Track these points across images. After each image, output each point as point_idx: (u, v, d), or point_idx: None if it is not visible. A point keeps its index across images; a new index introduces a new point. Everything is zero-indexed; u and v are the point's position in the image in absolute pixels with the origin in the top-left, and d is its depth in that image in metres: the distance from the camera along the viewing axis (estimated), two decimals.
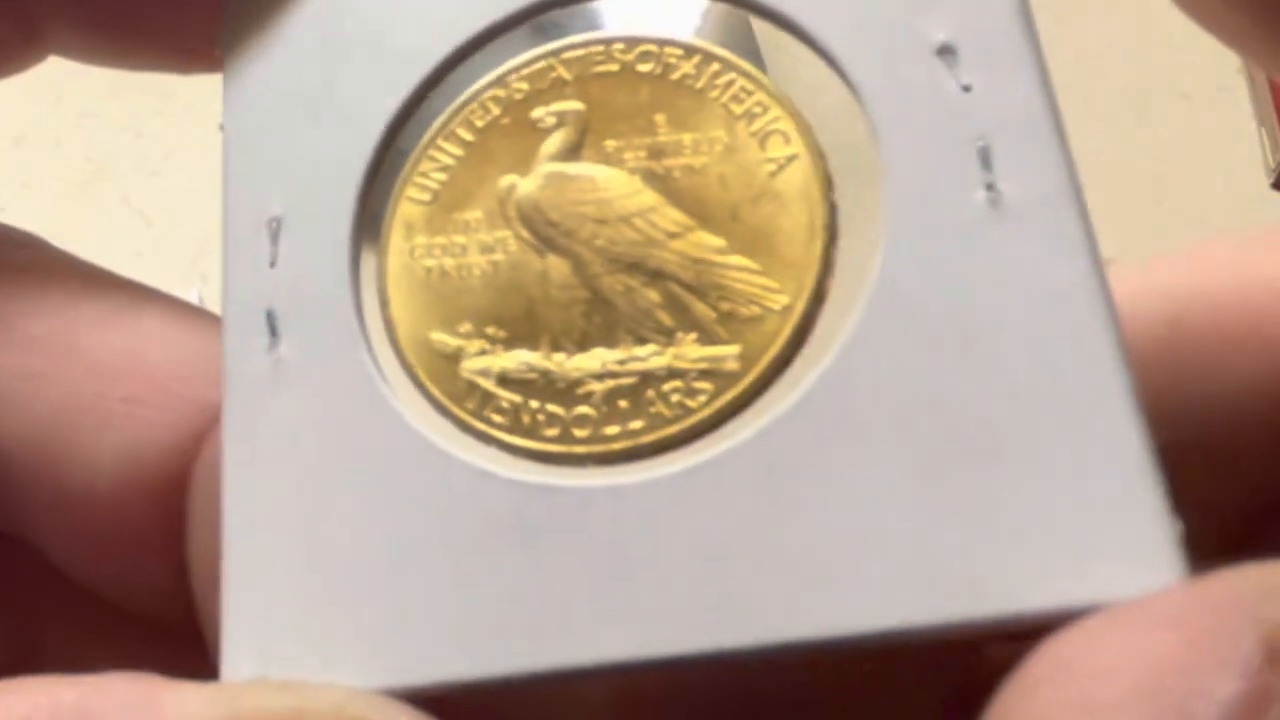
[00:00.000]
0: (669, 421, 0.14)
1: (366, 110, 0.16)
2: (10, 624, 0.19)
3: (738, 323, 0.14)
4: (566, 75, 0.16)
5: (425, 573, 0.14)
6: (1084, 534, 0.12)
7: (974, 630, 0.12)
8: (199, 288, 0.58)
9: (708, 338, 0.14)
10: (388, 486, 0.14)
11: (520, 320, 0.15)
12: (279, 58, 0.16)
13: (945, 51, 0.14)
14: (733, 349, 0.14)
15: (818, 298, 0.14)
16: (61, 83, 0.63)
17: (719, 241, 0.15)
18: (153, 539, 0.17)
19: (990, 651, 0.13)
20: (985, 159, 0.14)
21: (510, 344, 0.15)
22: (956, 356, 0.13)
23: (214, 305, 0.16)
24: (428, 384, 0.15)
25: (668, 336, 0.14)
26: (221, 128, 0.16)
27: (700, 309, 0.14)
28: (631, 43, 0.16)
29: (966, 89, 0.14)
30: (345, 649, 0.14)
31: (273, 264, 0.15)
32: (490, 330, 0.15)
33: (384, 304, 0.15)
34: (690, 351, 0.14)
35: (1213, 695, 0.11)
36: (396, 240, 0.16)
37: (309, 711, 0.13)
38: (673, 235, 0.15)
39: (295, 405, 0.15)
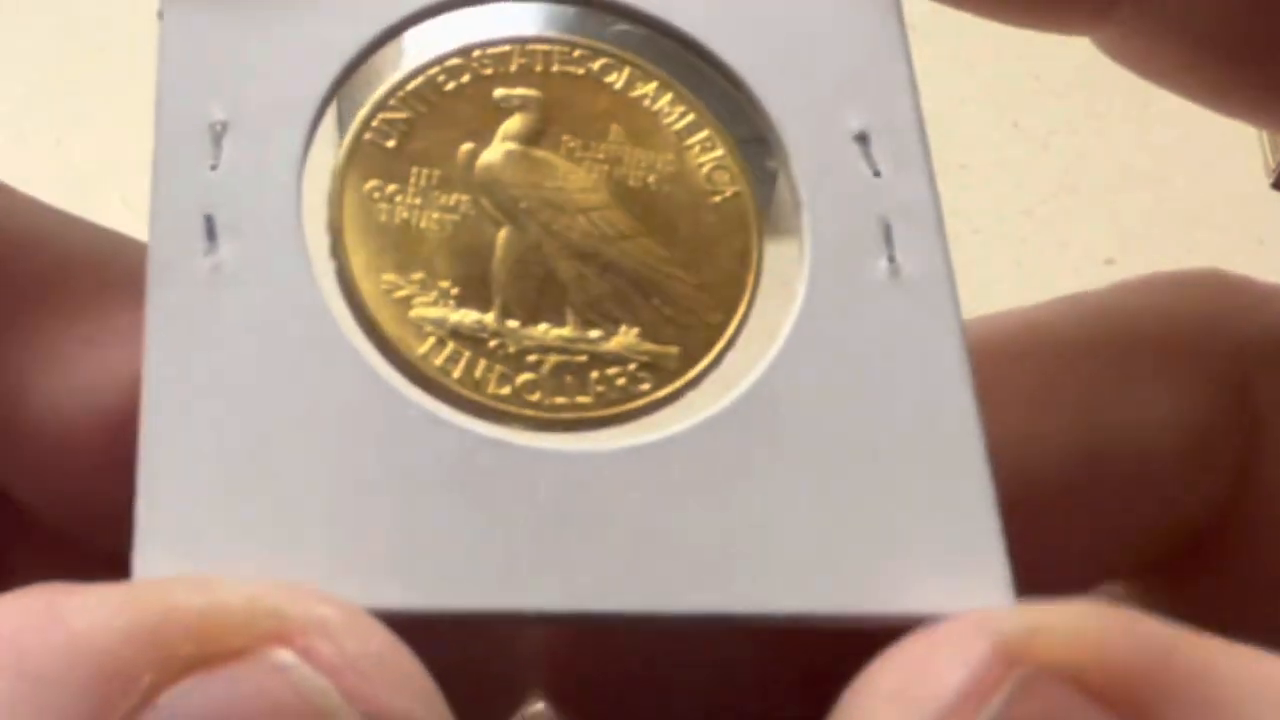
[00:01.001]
0: (613, 402, 0.15)
1: (330, 42, 0.16)
2: None
3: (677, 328, 0.16)
4: (532, 65, 0.17)
5: (364, 498, 0.14)
6: (934, 557, 0.15)
7: (842, 624, 0.14)
8: None
9: (650, 335, 0.16)
10: (330, 409, 0.14)
11: (475, 281, 0.16)
12: None
13: (861, 139, 0.17)
14: (672, 350, 0.16)
15: (744, 321, 0.16)
16: (62, 82, 0.63)
17: (664, 252, 0.16)
18: (115, 476, 0.16)
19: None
20: (888, 235, 0.16)
21: (462, 301, 0.15)
22: (856, 391, 0.15)
23: None
24: (379, 321, 0.15)
25: (613, 325, 0.16)
26: (160, 16, 0.16)
27: (645, 309, 0.16)
28: (595, 51, 0.17)
29: (877, 174, 0.16)
30: (274, 560, 0.14)
31: (214, 167, 0.15)
32: (444, 285, 0.15)
33: (335, 232, 0.15)
34: (634, 344, 0.16)
35: (940, 680, 0.13)
36: (354, 178, 0.16)
37: (221, 607, 0.12)
38: (624, 237, 0.16)
39: (234, 311, 0.15)
